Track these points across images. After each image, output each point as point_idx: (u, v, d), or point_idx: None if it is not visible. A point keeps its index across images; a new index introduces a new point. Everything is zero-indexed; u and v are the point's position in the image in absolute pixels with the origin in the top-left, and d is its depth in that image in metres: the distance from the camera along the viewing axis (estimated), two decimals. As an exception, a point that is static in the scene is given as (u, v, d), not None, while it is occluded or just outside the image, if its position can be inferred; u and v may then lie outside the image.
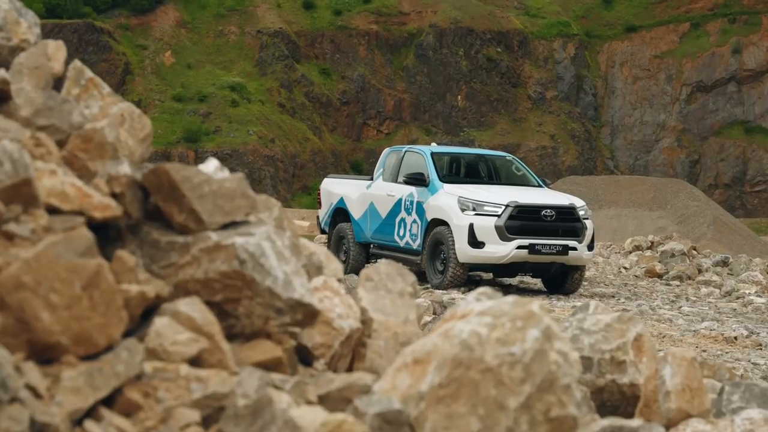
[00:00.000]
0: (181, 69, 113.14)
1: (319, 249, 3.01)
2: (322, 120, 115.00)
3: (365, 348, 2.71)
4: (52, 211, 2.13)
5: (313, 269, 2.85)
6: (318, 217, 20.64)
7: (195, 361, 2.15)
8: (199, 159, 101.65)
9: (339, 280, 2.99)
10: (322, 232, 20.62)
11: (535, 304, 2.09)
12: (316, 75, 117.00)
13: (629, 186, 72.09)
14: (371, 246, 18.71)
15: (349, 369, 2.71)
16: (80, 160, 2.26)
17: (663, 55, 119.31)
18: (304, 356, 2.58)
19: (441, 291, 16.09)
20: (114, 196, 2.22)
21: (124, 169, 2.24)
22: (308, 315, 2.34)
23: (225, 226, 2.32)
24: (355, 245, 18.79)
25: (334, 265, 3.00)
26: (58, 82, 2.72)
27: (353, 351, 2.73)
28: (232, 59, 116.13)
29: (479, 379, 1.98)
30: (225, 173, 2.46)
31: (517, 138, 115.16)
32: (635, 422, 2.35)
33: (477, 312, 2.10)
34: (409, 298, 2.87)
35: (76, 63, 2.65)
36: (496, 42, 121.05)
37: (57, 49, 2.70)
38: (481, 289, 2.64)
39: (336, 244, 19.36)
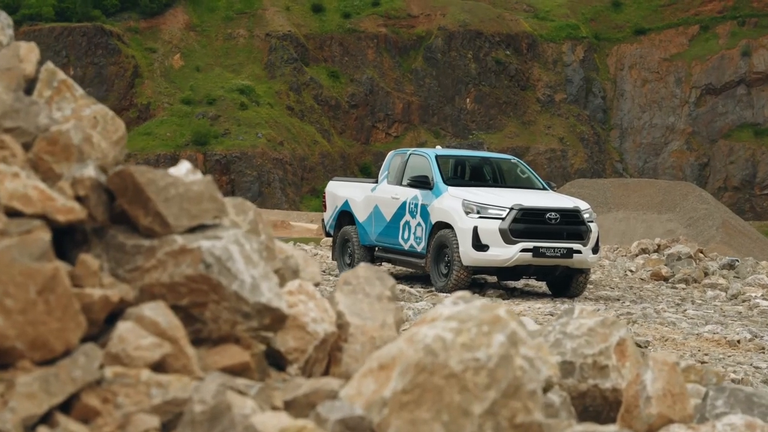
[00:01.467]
0: (190, 72, 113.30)
1: (296, 252, 2.98)
2: (330, 123, 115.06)
3: (341, 352, 2.68)
4: (15, 214, 2.10)
5: (289, 273, 2.81)
6: (323, 220, 20.61)
7: (159, 366, 2.12)
8: (208, 162, 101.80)
9: (316, 284, 2.96)
10: (327, 234, 20.59)
11: (502, 308, 2.06)
12: (325, 78, 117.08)
13: (638, 189, 72.07)
14: (376, 249, 18.66)
15: (326, 373, 2.68)
16: (46, 162, 2.23)
17: (672, 58, 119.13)
18: (278, 361, 2.55)
19: (445, 294, 16.05)
20: (79, 199, 2.19)
21: (89, 171, 2.21)
22: (276, 319, 2.31)
23: (192, 230, 2.29)
24: (360, 248, 18.74)
25: (311, 269, 2.97)
26: (30, 84, 2.69)
27: (329, 355, 2.70)
28: (241, 62, 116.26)
29: (443, 385, 1.95)
30: (197, 176, 2.43)
31: (526, 141, 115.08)
32: (610, 428, 2.31)
33: (445, 317, 2.07)
34: (387, 302, 2.84)
35: (49, 65, 2.62)
36: (505, 45, 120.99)
37: (29, 50, 2.67)
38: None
39: (341, 247, 19.33)
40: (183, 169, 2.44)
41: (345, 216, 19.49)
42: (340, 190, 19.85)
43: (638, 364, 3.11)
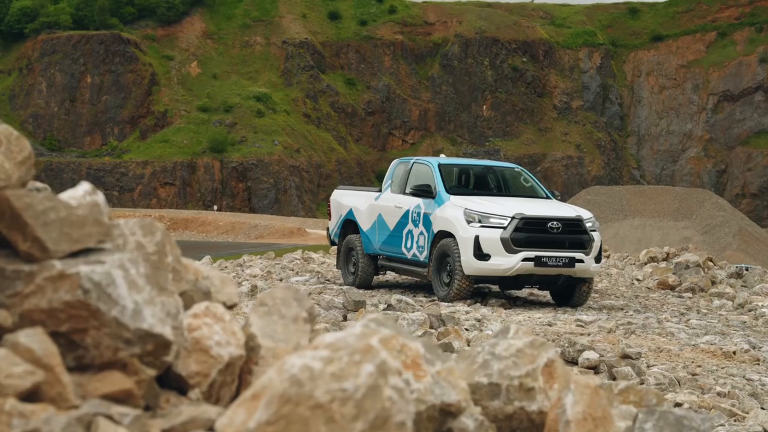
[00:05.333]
0: (207, 79, 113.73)
1: (213, 273, 2.94)
2: (347, 130, 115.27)
3: (252, 375, 2.63)
4: None
5: (199, 295, 2.77)
6: (328, 229, 20.58)
7: (34, 395, 2.09)
8: (225, 169, 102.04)
9: (232, 306, 2.92)
10: (332, 243, 20.55)
11: (376, 337, 2.01)
12: (342, 85, 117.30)
13: (654, 196, 71.88)
14: (379, 258, 18.61)
15: (236, 397, 2.64)
16: (-73, 186, 2.20)
17: (689, 65, 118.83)
18: (181, 385, 2.51)
19: (446, 303, 15.98)
20: (-44, 223, 2.16)
21: (-35, 196, 2.18)
22: (160, 345, 2.27)
23: (76, 254, 2.26)
24: (364, 257, 18.68)
25: (229, 290, 2.93)
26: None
27: (241, 378, 2.66)
28: (258, 70, 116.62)
29: (309, 416, 1.91)
30: (96, 197, 2.39)
31: (543, 148, 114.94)
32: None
33: (324, 344, 2.03)
34: (303, 324, 2.79)
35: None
36: (522, 51, 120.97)
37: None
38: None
39: (345, 256, 19.27)
40: (81, 190, 2.40)
41: (349, 225, 19.47)
42: (345, 199, 19.84)
43: (565, 387, 3.06)
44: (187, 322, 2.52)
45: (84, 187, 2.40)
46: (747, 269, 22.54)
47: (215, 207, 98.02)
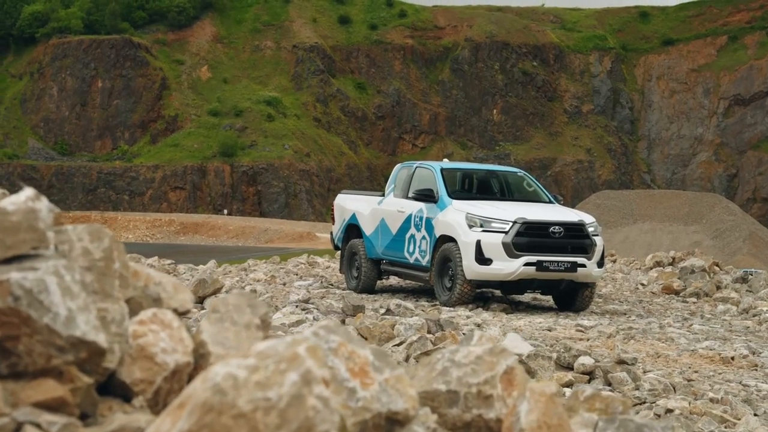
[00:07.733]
0: (217, 84, 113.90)
1: (165, 279, 2.92)
2: (357, 134, 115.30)
3: (201, 383, 2.61)
4: None
5: (149, 301, 2.76)
6: (331, 233, 20.58)
7: (-38, 403, 2.07)
8: (235, 173, 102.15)
9: (185, 312, 2.89)
10: (336, 247, 20.52)
11: (303, 345, 1.99)
12: (352, 89, 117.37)
13: (664, 200, 71.68)
14: (382, 262, 18.59)
15: (185, 405, 2.61)
16: None
17: (700, 69, 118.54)
18: (126, 392, 2.49)
19: (448, 308, 15.95)
20: None
21: None
22: (93, 353, 2.25)
23: (9, 261, 2.24)
24: (367, 261, 18.67)
25: (182, 296, 2.90)
26: None
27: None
28: (268, 74, 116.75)
29: (231, 425, 1.88)
30: (35, 204, 2.37)
31: (553, 152, 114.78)
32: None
33: (254, 352, 2.01)
34: (256, 331, 2.77)
35: None
36: (532, 56, 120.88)
37: None
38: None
39: (348, 261, 19.26)
40: (22, 196, 2.38)
41: (352, 229, 19.47)
42: (348, 204, 19.84)
43: (521, 394, 3.03)
44: (132, 329, 2.50)
45: (26, 192, 2.38)
46: (752, 274, 22.45)
47: (225, 211, 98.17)
